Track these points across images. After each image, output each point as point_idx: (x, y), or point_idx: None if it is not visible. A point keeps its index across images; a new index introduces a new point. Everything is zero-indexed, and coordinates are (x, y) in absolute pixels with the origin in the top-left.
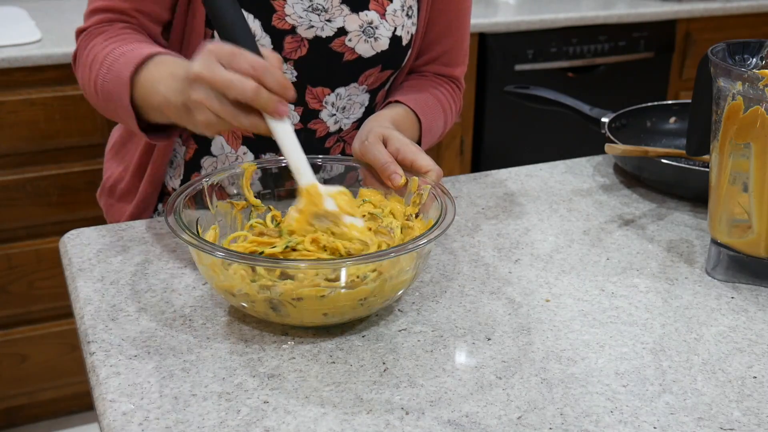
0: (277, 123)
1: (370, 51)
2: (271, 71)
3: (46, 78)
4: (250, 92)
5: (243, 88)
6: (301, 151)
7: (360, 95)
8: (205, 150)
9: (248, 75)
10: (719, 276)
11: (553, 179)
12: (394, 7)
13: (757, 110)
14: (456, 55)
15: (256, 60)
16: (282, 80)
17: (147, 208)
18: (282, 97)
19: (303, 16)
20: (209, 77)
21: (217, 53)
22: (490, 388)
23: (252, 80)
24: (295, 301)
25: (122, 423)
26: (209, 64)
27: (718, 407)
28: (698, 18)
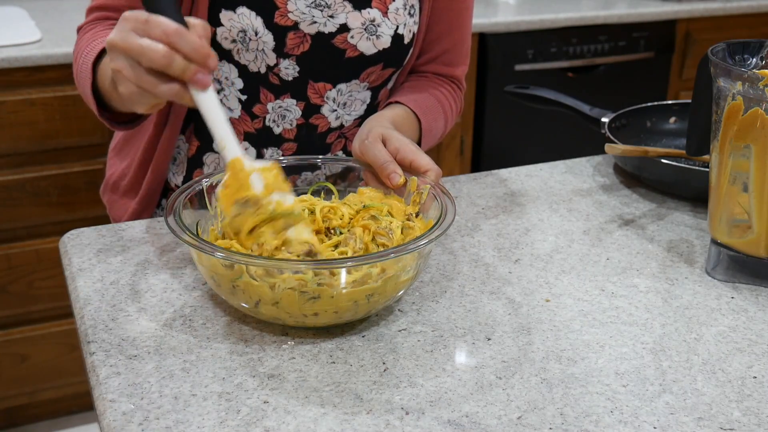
0: (200, 93)
1: (372, 49)
2: (186, 37)
3: (46, 78)
4: (160, 59)
5: (153, 53)
6: (226, 123)
7: (361, 92)
8: (208, 147)
9: (161, 41)
10: (719, 276)
11: (553, 179)
12: (397, 6)
13: (757, 111)
14: (457, 55)
15: (170, 25)
16: (199, 47)
17: (150, 203)
18: (201, 65)
19: (306, 12)
20: (121, 44)
21: (131, 20)
22: (490, 388)
23: (164, 46)
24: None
25: (122, 423)
26: (123, 31)
27: (718, 407)
28: (698, 18)
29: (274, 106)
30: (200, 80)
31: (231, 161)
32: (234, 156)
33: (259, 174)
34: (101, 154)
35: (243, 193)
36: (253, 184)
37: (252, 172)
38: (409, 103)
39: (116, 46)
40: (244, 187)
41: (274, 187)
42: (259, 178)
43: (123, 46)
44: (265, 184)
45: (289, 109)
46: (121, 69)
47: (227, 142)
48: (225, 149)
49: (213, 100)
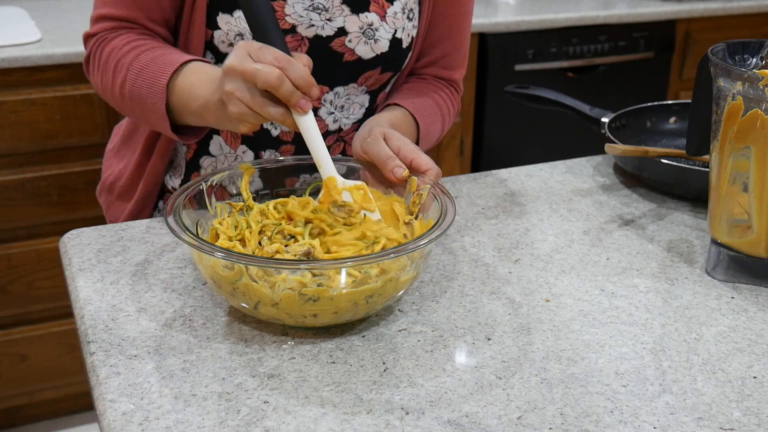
0: (301, 117)
1: (370, 53)
2: (295, 65)
3: (46, 78)
4: (273, 80)
5: (267, 75)
6: (323, 145)
7: (359, 96)
8: (205, 150)
9: (273, 65)
10: (719, 276)
11: (553, 179)
12: (395, 10)
13: (756, 112)
14: (455, 59)
15: (281, 54)
16: (306, 76)
17: (146, 206)
18: (305, 92)
19: (303, 15)
20: (239, 68)
21: (247, 47)
22: (490, 388)
23: (276, 69)
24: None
25: (122, 423)
26: (240, 57)
27: (718, 407)
28: (698, 18)
29: None
30: (303, 105)
31: (326, 179)
32: (329, 175)
33: (349, 192)
34: (101, 154)
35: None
36: (344, 199)
37: (344, 189)
38: (407, 106)
39: (234, 69)
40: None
41: (362, 204)
42: (349, 196)
43: (240, 69)
44: (353, 202)
45: None
46: (234, 91)
47: (323, 162)
48: (321, 168)
49: (312, 123)
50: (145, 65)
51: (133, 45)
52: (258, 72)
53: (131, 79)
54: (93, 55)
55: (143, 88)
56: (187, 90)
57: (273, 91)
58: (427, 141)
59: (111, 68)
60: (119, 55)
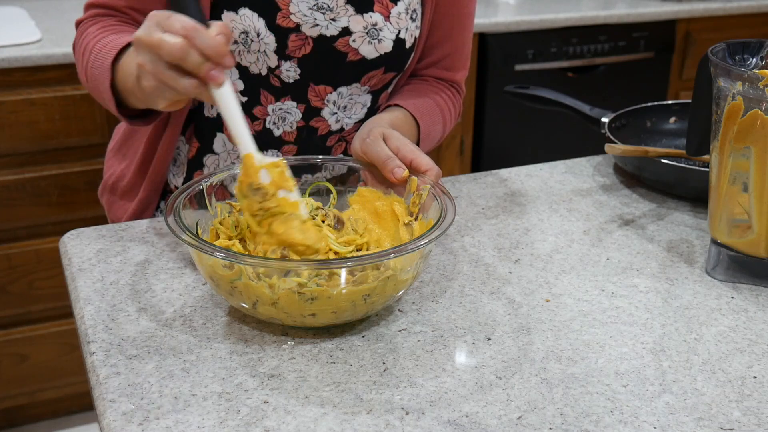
0: (216, 89)
1: (374, 53)
2: (203, 34)
3: (46, 78)
4: (176, 51)
5: (171, 47)
6: (241, 119)
7: (362, 95)
8: (208, 148)
9: (179, 35)
10: (719, 276)
11: (553, 179)
12: (399, 10)
13: (756, 113)
14: (457, 60)
15: (189, 22)
16: (216, 45)
17: (149, 205)
18: (217, 62)
19: (308, 15)
20: (146, 39)
21: (157, 17)
22: (490, 388)
23: (181, 39)
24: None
25: (122, 423)
26: (147, 27)
27: (718, 407)
28: (698, 18)
29: (274, 108)
30: (214, 77)
31: (244, 156)
32: (246, 151)
33: (266, 170)
34: (101, 154)
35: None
36: (261, 178)
37: (261, 167)
38: (408, 107)
39: (141, 40)
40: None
41: (279, 183)
42: (267, 174)
43: (146, 40)
44: (272, 180)
45: (289, 111)
46: (143, 64)
47: (241, 138)
48: (239, 144)
49: (229, 96)
50: (102, 47)
51: (103, 31)
52: (162, 43)
53: (91, 62)
54: (76, 40)
55: (96, 69)
56: (125, 67)
57: (179, 63)
58: (428, 142)
59: (80, 52)
60: (88, 39)
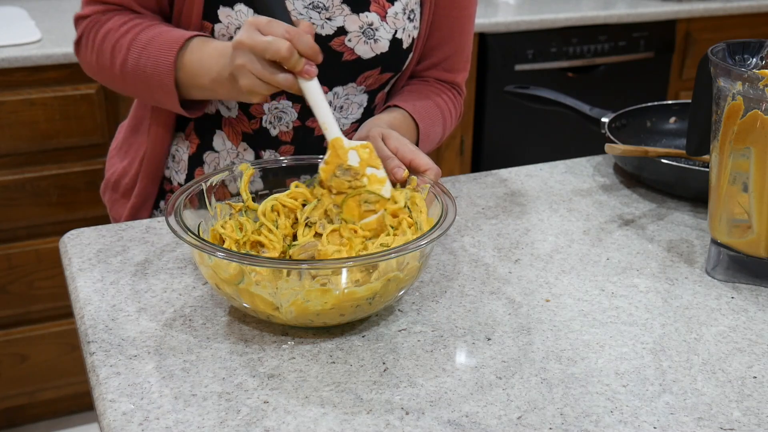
0: (307, 82)
1: (370, 53)
2: (303, 36)
3: (46, 78)
4: (284, 51)
5: (278, 48)
6: (328, 108)
7: (358, 95)
8: (208, 145)
9: (283, 38)
10: (719, 276)
11: (553, 179)
12: (395, 10)
13: (756, 114)
14: (457, 61)
15: (290, 26)
16: (313, 45)
17: (146, 202)
18: (312, 59)
19: (303, 14)
20: (249, 42)
21: (256, 23)
22: (490, 388)
23: (286, 41)
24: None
25: (122, 423)
26: (249, 32)
27: (718, 407)
28: (698, 18)
29: (270, 107)
30: (310, 71)
31: (332, 140)
32: (335, 136)
33: (355, 151)
34: (101, 154)
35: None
36: (351, 159)
37: (350, 149)
38: (407, 108)
39: (243, 43)
40: (343, 162)
41: (368, 162)
42: (356, 155)
43: (250, 43)
44: (360, 161)
45: (284, 110)
46: (245, 64)
47: (329, 125)
48: (327, 130)
49: (317, 88)
50: (148, 43)
51: (131, 25)
52: (269, 45)
53: (134, 58)
54: (86, 36)
55: (148, 66)
56: (196, 65)
57: (283, 62)
58: (428, 143)
59: (109, 49)
60: (117, 35)
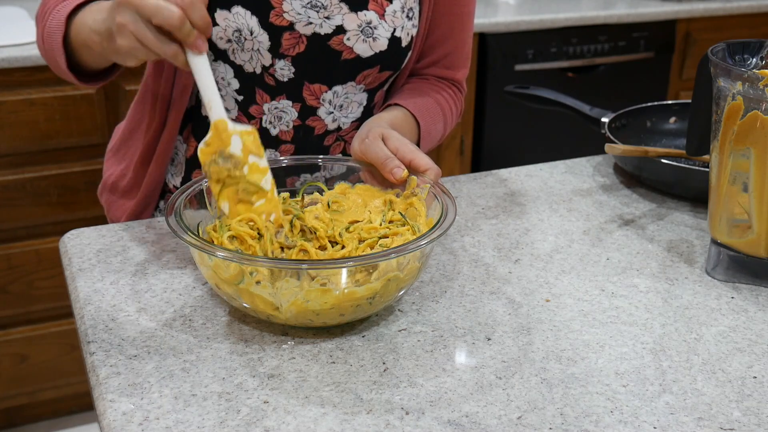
0: (195, 57)
1: (369, 51)
2: (197, 6)
3: (46, 78)
4: (176, 19)
5: (170, 14)
6: (214, 87)
7: (358, 94)
8: None
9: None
10: (719, 276)
11: (553, 179)
12: (394, 8)
13: (756, 114)
14: (458, 58)
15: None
16: (206, 17)
17: (148, 205)
18: (203, 33)
19: (301, 13)
20: (136, 1)
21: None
22: (490, 388)
23: (178, 9)
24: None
25: (122, 423)
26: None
27: (718, 407)
28: (698, 18)
29: (269, 107)
30: (200, 45)
31: (215, 122)
32: (218, 117)
33: (238, 136)
34: (101, 154)
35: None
36: (233, 144)
37: (233, 133)
38: (408, 106)
39: (129, 2)
40: (225, 146)
41: (251, 149)
42: (239, 140)
43: (137, 3)
44: (243, 146)
45: (284, 110)
46: (127, 23)
47: (214, 104)
48: (211, 110)
49: (206, 64)
50: (61, 8)
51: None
52: (159, 8)
53: (48, 23)
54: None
55: (51, 27)
56: (79, 20)
57: (173, 30)
58: (429, 141)
59: (41, 17)
60: (49, 6)
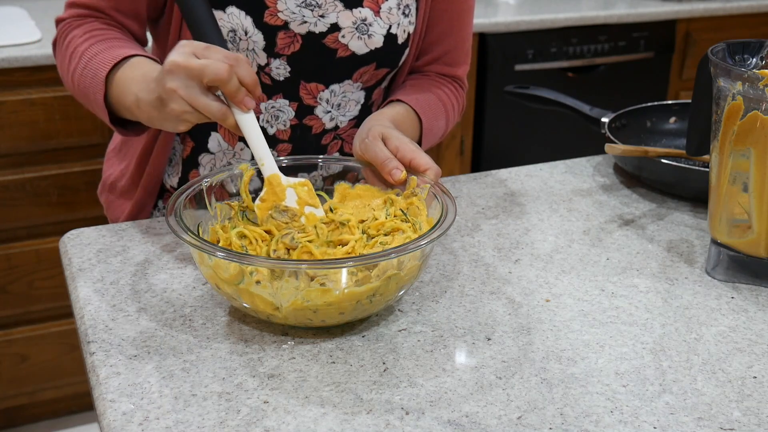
0: (243, 115)
1: (364, 48)
2: (243, 63)
3: (46, 78)
4: (223, 73)
5: (219, 68)
6: (264, 143)
7: (355, 92)
8: (203, 147)
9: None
10: (719, 276)
11: (553, 179)
12: (390, 5)
13: (756, 115)
14: (458, 55)
15: (230, 52)
16: (253, 75)
17: (146, 205)
18: (250, 90)
19: (296, 12)
20: (185, 64)
21: (192, 46)
22: (490, 388)
23: (226, 64)
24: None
25: (122, 423)
26: (184, 54)
27: (718, 407)
28: (698, 18)
29: (266, 107)
30: (247, 102)
31: (269, 177)
32: (272, 172)
33: (293, 189)
34: (101, 154)
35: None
36: (288, 197)
37: (287, 187)
38: (410, 102)
39: (178, 66)
40: (280, 200)
41: (306, 201)
42: (293, 193)
43: (185, 65)
44: (298, 199)
45: (282, 109)
46: (177, 88)
47: (266, 160)
48: (263, 166)
49: (254, 121)
50: (94, 55)
51: (91, 35)
52: (207, 67)
53: (80, 69)
54: (59, 40)
55: (87, 78)
56: (123, 84)
57: (221, 85)
58: (431, 137)
59: (68, 56)
60: (77, 43)
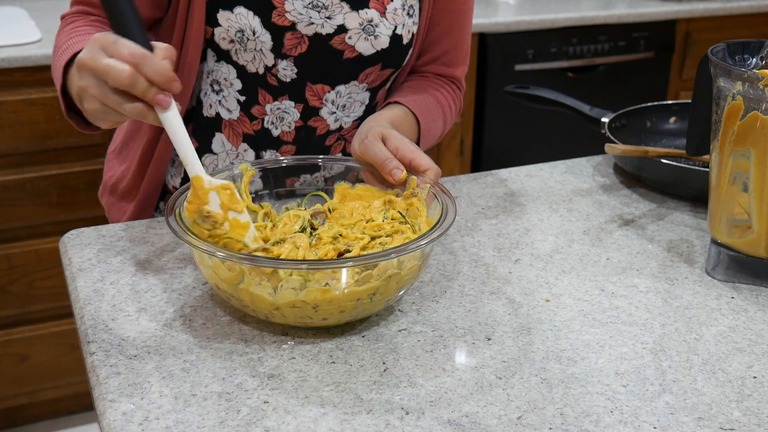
0: (163, 113)
1: (370, 49)
2: (150, 60)
3: (46, 78)
4: (124, 79)
5: (118, 74)
6: (189, 142)
7: (360, 93)
8: (206, 148)
9: (126, 62)
10: (719, 276)
11: (553, 179)
12: (395, 6)
13: (756, 115)
14: (457, 55)
15: (137, 48)
16: (163, 71)
17: (148, 206)
18: (164, 88)
19: (303, 13)
20: (90, 64)
21: (101, 41)
22: (490, 388)
23: (129, 66)
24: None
25: (122, 423)
26: (91, 51)
27: (718, 407)
28: (698, 18)
29: (272, 108)
30: (161, 101)
31: (192, 178)
32: (195, 173)
33: (215, 192)
34: (101, 154)
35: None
36: (212, 201)
37: (210, 189)
38: (408, 104)
39: (85, 65)
40: (203, 203)
41: (228, 205)
42: (216, 196)
43: (91, 65)
44: (221, 202)
45: (287, 111)
46: (87, 87)
47: (189, 160)
48: (188, 166)
49: (176, 119)
50: (66, 48)
51: (74, 32)
52: (110, 69)
53: (53, 60)
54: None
55: (55, 68)
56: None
57: (127, 89)
58: (429, 138)
59: (55, 50)
60: (61, 38)
